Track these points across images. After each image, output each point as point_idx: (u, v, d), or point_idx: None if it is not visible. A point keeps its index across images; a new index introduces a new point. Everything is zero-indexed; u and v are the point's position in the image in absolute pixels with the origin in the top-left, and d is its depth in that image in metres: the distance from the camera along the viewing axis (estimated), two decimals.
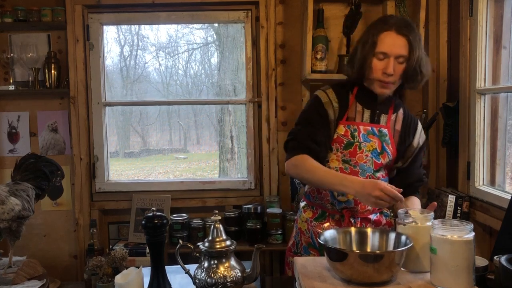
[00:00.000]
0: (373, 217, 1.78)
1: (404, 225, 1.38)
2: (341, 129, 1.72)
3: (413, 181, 1.82)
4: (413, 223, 1.37)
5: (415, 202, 1.77)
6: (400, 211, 1.44)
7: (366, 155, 1.72)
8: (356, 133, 1.72)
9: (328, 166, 1.73)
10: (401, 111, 1.82)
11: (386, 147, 1.74)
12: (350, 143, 1.71)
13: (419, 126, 1.84)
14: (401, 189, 1.53)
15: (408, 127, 1.80)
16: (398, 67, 1.66)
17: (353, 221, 1.74)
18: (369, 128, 1.73)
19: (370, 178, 1.72)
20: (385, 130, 1.75)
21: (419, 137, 1.83)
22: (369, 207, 1.74)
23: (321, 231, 1.73)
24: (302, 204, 1.89)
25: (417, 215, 1.39)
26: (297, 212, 1.94)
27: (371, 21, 1.78)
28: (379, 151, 1.73)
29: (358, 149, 1.71)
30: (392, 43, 1.64)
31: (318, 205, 1.80)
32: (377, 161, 1.73)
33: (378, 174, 1.75)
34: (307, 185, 1.84)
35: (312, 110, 1.76)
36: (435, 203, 1.55)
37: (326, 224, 1.76)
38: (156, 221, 1.49)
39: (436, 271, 1.25)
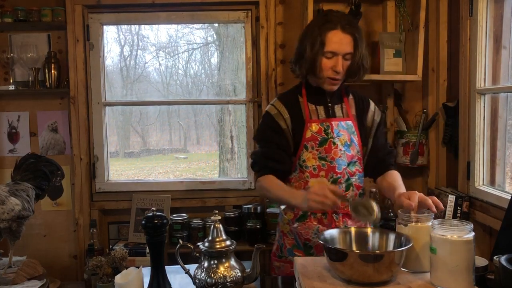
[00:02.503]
0: None
1: (405, 225, 1.38)
2: (315, 127, 1.77)
3: (382, 155, 1.86)
4: (413, 223, 1.37)
5: (396, 178, 1.79)
6: (400, 211, 1.44)
7: (340, 150, 1.77)
8: (329, 129, 1.77)
9: (305, 165, 1.77)
10: (350, 96, 1.89)
11: (354, 139, 1.81)
12: (324, 139, 1.76)
13: (371, 105, 1.90)
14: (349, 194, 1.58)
15: (361, 109, 1.87)
16: (345, 63, 1.74)
17: (335, 217, 1.76)
18: (339, 122, 1.79)
19: (346, 173, 1.77)
20: (350, 123, 1.81)
21: (373, 115, 1.88)
22: None
23: (301, 232, 1.78)
24: (282, 206, 1.91)
25: (418, 215, 1.39)
26: (278, 216, 1.96)
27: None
28: (349, 143, 1.79)
29: (332, 145, 1.76)
30: (339, 41, 1.70)
31: None
32: (348, 153, 1.78)
33: (354, 169, 1.80)
34: None
35: (265, 127, 1.84)
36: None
37: (308, 224, 1.78)
38: (156, 221, 1.49)
39: (436, 271, 1.25)
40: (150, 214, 1.51)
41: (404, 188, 1.69)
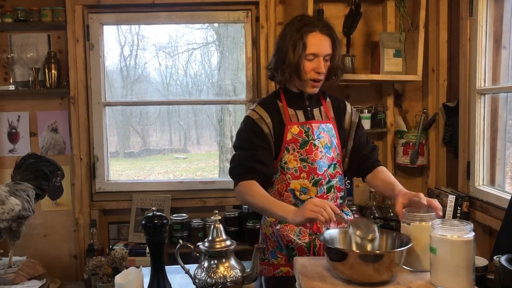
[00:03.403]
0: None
1: (408, 224, 1.39)
2: (295, 129, 1.78)
3: (367, 152, 1.86)
4: (417, 222, 1.37)
5: (388, 175, 1.80)
6: (404, 210, 1.44)
7: (321, 151, 1.77)
8: (310, 131, 1.78)
9: (286, 167, 1.77)
10: (328, 99, 1.90)
11: (334, 140, 1.82)
12: (305, 141, 1.77)
13: (348, 106, 1.91)
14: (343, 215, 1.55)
15: (338, 111, 1.88)
16: (325, 64, 1.76)
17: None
18: (319, 125, 1.80)
19: (328, 175, 1.78)
20: (330, 125, 1.83)
21: (351, 116, 1.89)
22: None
23: (283, 233, 1.78)
24: None
25: (422, 214, 1.39)
26: (261, 219, 1.94)
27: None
28: (329, 145, 1.80)
29: (313, 147, 1.76)
30: (319, 43, 1.73)
31: None
32: (329, 156, 1.79)
33: (335, 171, 1.80)
34: (269, 190, 1.83)
35: (247, 132, 1.82)
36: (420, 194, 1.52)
37: (290, 226, 1.77)
38: (156, 221, 1.49)
39: (436, 271, 1.25)
40: (150, 214, 1.51)
41: (399, 184, 1.68)
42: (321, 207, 1.48)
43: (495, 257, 1.39)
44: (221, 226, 1.50)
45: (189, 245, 1.55)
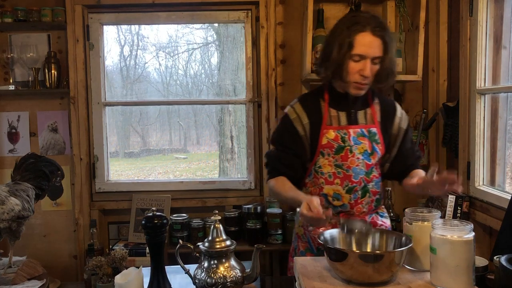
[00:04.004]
0: (368, 218, 1.77)
1: (410, 223, 1.39)
2: (331, 134, 1.71)
3: (411, 162, 1.80)
4: (420, 221, 1.37)
5: (417, 171, 1.76)
6: (407, 210, 1.43)
7: (358, 158, 1.70)
8: (347, 137, 1.71)
9: (320, 171, 1.73)
10: (376, 100, 1.80)
11: (376, 147, 1.73)
12: (341, 147, 1.70)
13: (398, 110, 1.82)
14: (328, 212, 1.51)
15: (387, 115, 1.79)
16: (373, 68, 1.65)
17: None
18: (359, 130, 1.72)
19: (363, 180, 1.72)
20: (374, 130, 1.74)
21: (399, 122, 1.80)
22: (364, 209, 1.74)
23: (314, 236, 1.74)
24: (298, 209, 1.88)
25: (424, 214, 1.39)
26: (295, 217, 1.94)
27: (340, 21, 1.73)
28: (369, 152, 1.72)
29: (349, 153, 1.70)
30: (368, 45, 1.61)
31: None
32: (368, 162, 1.72)
33: (371, 176, 1.74)
34: (302, 191, 1.82)
35: (283, 131, 1.78)
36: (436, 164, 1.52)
37: (323, 228, 1.73)
38: (156, 221, 1.49)
39: (436, 271, 1.25)
40: (150, 214, 1.51)
41: (423, 173, 1.66)
42: (315, 208, 1.47)
43: (495, 257, 1.39)
44: (221, 226, 1.50)
45: (189, 245, 1.55)
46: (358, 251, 1.38)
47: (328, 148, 1.71)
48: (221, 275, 1.43)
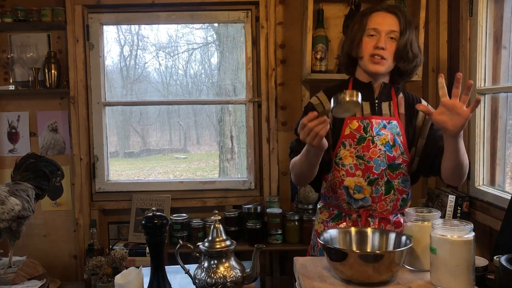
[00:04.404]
0: (393, 217, 1.73)
1: (410, 223, 1.39)
2: (354, 124, 1.68)
3: (443, 144, 1.65)
4: (419, 221, 1.37)
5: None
6: (407, 210, 1.43)
7: (380, 149, 1.67)
8: (369, 127, 1.68)
9: (341, 163, 1.69)
10: (401, 94, 1.78)
11: (398, 139, 1.70)
12: (362, 137, 1.68)
13: (423, 102, 1.78)
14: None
15: (412, 107, 1.75)
16: (390, 43, 1.65)
17: (371, 221, 1.69)
18: (380, 121, 1.70)
19: (386, 174, 1.67)
20: (394, 122, 1.71)
21: (424, 114, 1.72)
22: (388, 207, 1.70)
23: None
24: (319, 205, 1.86)
25: (424, 214, 1.39)
26: (315, 214, 1.90)
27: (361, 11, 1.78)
28: (391, 143, 1.69)
29: (371, 144, 1.67)
30: (382, 20, 1.64)
31: (334, 206, 1.76)
32: (389, 154, 1.68)
33: (397, 172, 1.69)
34: (323, 187, 1.81)
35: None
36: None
37: (343, 225, 1.72)
38: (156, 221, 1.49)
39: (436, 271, 1.25)
40: (150, 214, 1.51)
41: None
42: (303, 126, 1.43)
43: (495, 257, 1.39)
44: (221, 226, 1.50)
45: (189, 245, 1.55)
46: (358, 251, 1.38)
47: (350, 138, 1.68)
48: (221, 275, 1.43)
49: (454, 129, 1.46)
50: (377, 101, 1.72)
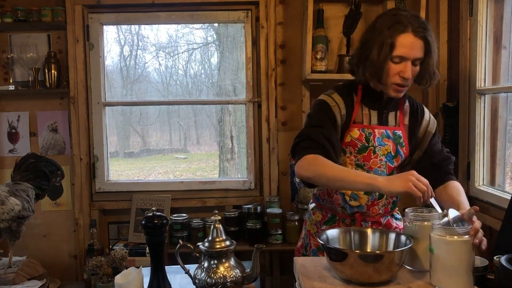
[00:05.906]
0: (383, 220, 1.73)
1: (410, 223, 1.38)
2: (355, 133, 1.65)
3: (438, 161, 1.69)
4: (419, 222, 1.37)
5: (458, 191, 1.60)
6: (407, 210, 1.43)
7: (381, 160, 1.65)
8: (371, 137, 1.65)
9: None
10: (407, 103, 1.74)
11: (400, 150, 1.68)
12: (364, 147, 1.65)
13: (426, 114, 1.76)
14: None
15: (415, 118, 1.73)
16: (413, 69, 1.58)
17: (364, 225, 1.68)
18: (384, 131, 1.67)
19: None
20: (399, 132, 1.69)
21: (427, 125, 1.74)
22: (380, 211, 1.69)
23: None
24: (311, 205, 1.84)
25: (423, 214, 1.39)
26: (306, 213, 1.87)
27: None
28: (393, 154, 1.67)
29: (372, 154, 1.65)
30: (410, 46, 1.54)
31: (328, 208, 1.74)
32: (390, 165, 1.67)
33: None
34: (317, 187, 1.76)
35: (321, 113, 1.65)
36: (476, 207, 1.37)
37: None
38: (156, 221, 1.49)
39: (435, 272, 1.25)
40: (150, 214, 1.51)
41: (466, 202, 1.53)
42: (425, 185, 1.36)
43: (495, 257, 1.39)
44: (221, 226, 1.50)
45: (189, 245, 1.55)
46: (358, 251, 1.38)
47: (351, 146, 1.65)
48: (221, 275, 1.43)
49: None
50: (385, 111, 1.69)
